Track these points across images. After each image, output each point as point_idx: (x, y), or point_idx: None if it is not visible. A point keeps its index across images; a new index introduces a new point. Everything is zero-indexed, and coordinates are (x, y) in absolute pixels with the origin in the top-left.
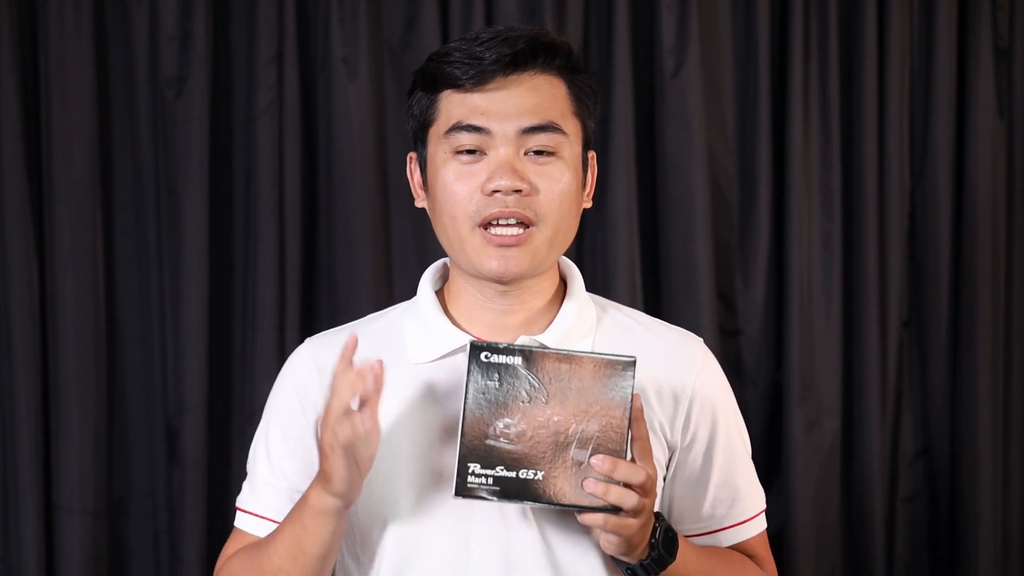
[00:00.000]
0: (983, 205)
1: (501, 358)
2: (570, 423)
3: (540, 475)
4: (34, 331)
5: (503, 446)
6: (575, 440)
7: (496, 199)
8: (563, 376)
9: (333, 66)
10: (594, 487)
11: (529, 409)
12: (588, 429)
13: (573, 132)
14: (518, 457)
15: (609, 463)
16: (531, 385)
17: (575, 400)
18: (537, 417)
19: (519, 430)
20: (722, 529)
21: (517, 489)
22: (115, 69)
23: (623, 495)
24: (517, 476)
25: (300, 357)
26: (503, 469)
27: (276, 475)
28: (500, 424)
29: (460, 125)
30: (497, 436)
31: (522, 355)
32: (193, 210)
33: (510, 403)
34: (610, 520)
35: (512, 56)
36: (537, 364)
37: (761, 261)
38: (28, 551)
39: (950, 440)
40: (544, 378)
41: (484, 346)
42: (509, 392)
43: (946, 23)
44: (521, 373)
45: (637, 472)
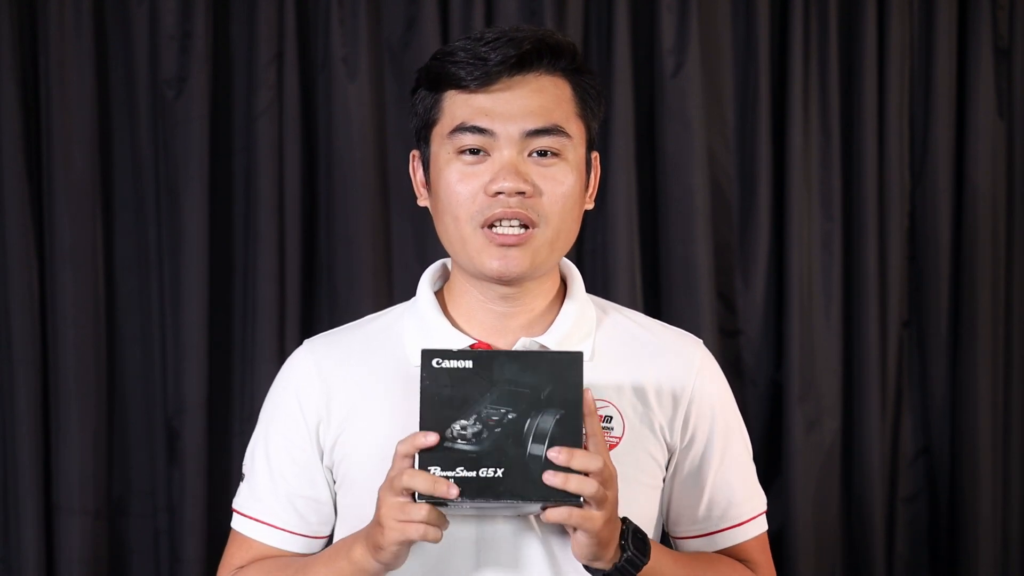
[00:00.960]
0: (983, 205)
1: (452, 362)
2: (525, 419)
3: (500, 472)
4: (34, 331)
5: (461, 447)
6: (531, 435)
7: (499, 200)
8: (514, 374)
9: (333, 66)
10: (553, 478)
11: (483, 409)
12: (543, 424)
13: (577, 134)
14: (477, 457)
15: (565, 453)
16: (484, 386)
17: (528, 397)
18: (492, 416)
19: (475, 430)
20: (719, 531)
21: (479, 488)
22: (115, 69)
23: (582, 483)
24: (477, 476)
25: (299, 360)
26: (463, 470)
27: (276, 480)
28: (456, 426)
29: (464, 126)
30: (454, 438)
31: (472, 358)
32: (193, 210)
33: (464, 405)
34: (574, 513)
35: (517, 57)
36: (488, 365)
37: (761, 261)
38: (28, 551)
39: (950, 440)
40: (496, 378)
41: (435, 352)
42: (462, 394)
43: (946, 23)
44: (473, 375)
45: (594, 459)
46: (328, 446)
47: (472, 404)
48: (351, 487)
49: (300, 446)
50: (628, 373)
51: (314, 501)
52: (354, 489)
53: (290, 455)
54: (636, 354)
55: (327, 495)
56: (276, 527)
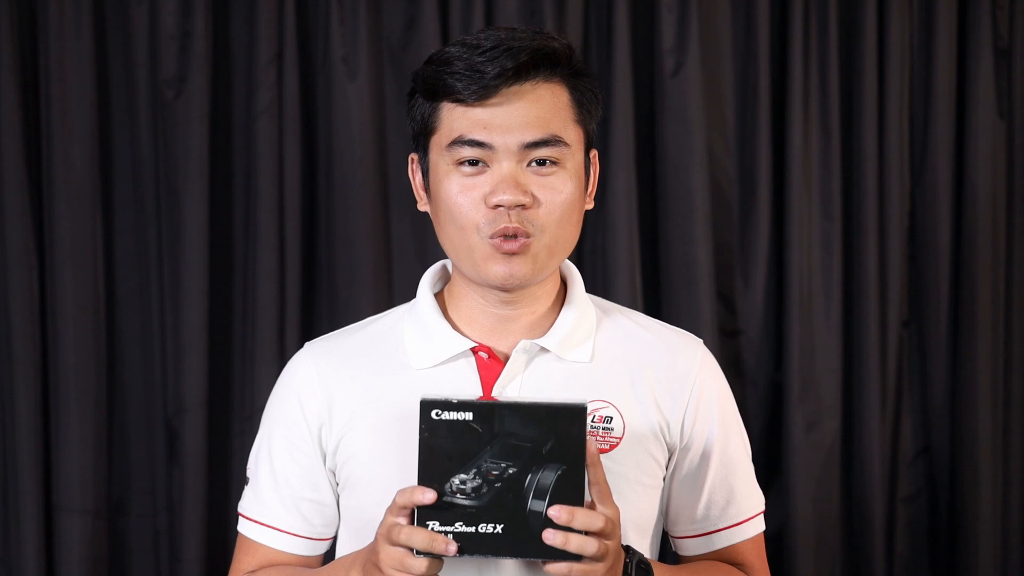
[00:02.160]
0: (983, 205)
1: (452, 414)
2: (526, 474)
3: (499, 528)
4: (34, 331)
5: (460, 502)
6: (532, 491)
7: (501, 213)
8: (515, 427)
9: (333, 66)
10: (553, 538)
11: (483, 463)
12: (544, 479)
13: (575, 140)
14: (476, 512)
15: (567, 513)
16: (484, 439)
17: (529, 451)
18: (492, 471)
19: (475, 485)
20: (716, 531)
21: (478, 544)
22: (115, 69)
23: (584, 543)
24: (476, 531)
25: (300, 363)
26: (462, 525)
27: (279, 484)
28: (456, 480)
29: (462, 140)
30: (454, 492)
31: (473, 410)
32: (193, 210)
33: (464, 458)
34: (575, 568)
35: (514, 70)
36: (488, 417)
37: (761, 261)
38: (28, 551)
39: (950, 440)
40: (496, 431)
41: (434, 403)
42: (462, 447)
43: (946, 23)
44: (473, 427)
45: (596, 519)
46: (330, 449)
47: (472, 457)
48: (353, 489)
49: (303, 449)
50: (628, 373)
51: (318, 504)
52: (356, 491)
53: (293, 459)
54: (636, 354)
55: (330, 498)
56: (281, 530)
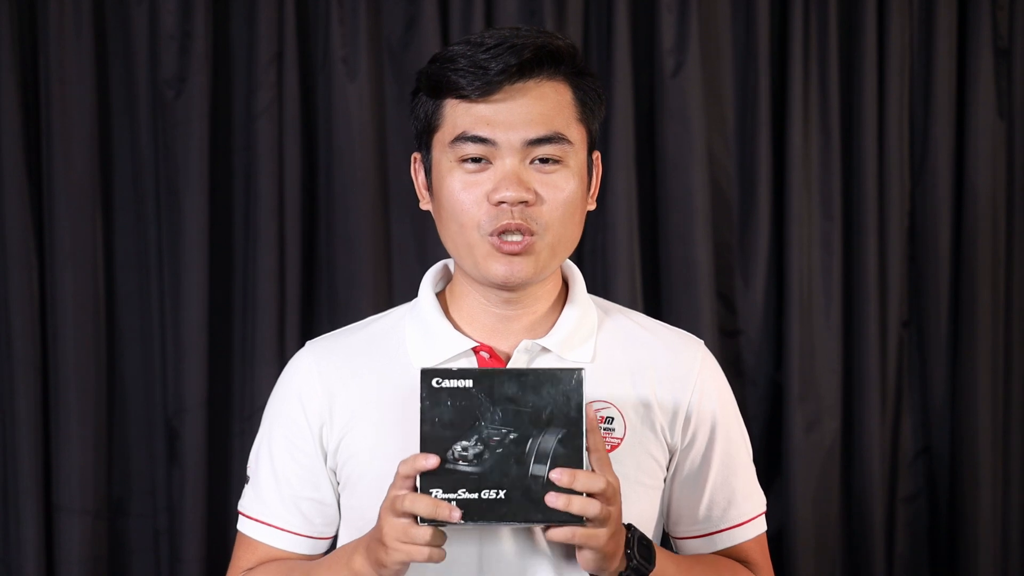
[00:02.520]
0: (983, 205)
1: (452, 382)
2: (527, 439)
3: (502, 494)
4: (34, 331)
5: (463, 469)
6: (533, 455)
7: (503, 210)
8: (515, 393)
9: (333, 66)
10: (555, 500)
11: (484, 430)
12: (545, 444)
13: (578, 139)
14: (479, 478)
15: (568, 475)
16: (484, 406)
17: (529, 416)
18: (493, 437)
19: (477, 451)
20: (718, 531)
21: (481, 510)
22: (115, 69)
23: (585, 505)
24: (480, 497)
25: (301, 362)
26: (465, 492)
27: (280, 482)
28: (458, 447)
29: (465, 136)
30: (456, 459)
31: (472, 377)
32: (193, 210)
33: (465, 425)
34: (578, 532)
35: (518, 66)
36: (488, 384)
37: (761, 261)
38: (28, 551)
39: (950, 440)
40: (496, 397)
41: (434, 372)
42: (463, 415)
43: (946, 23)
44: (473, 395)
45: (597, 480)
46: (331, 448)
47: (473, 424)
48: (355, 488)
49: (303, 449)
50: (629, 374)
51: (318, 503)
52: (357, 491)
53: (293, 458)
54: (637, 355)
55: (331, 497)
56: (281, 529)
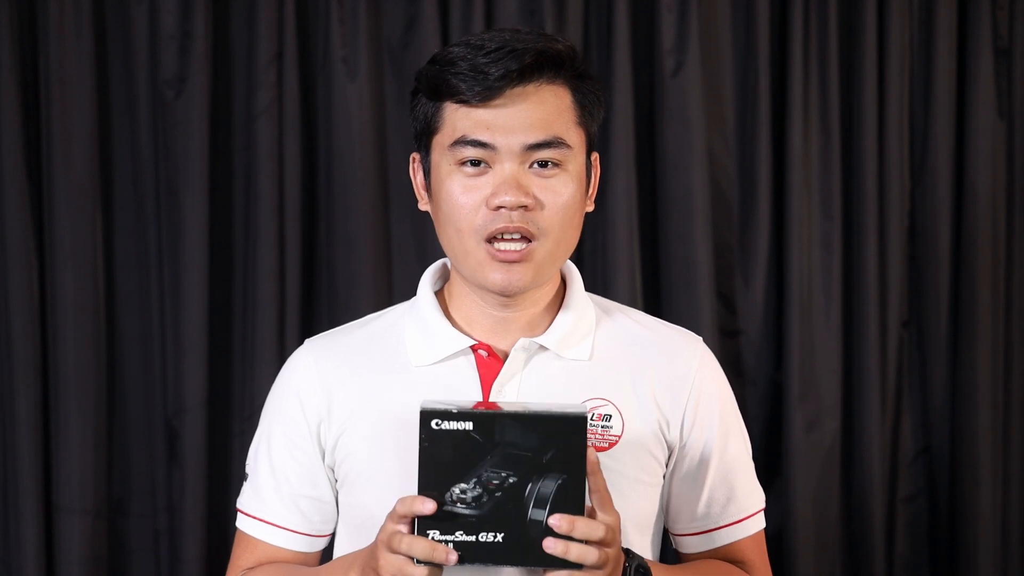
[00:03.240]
0: (983, 205)
1: (452, 424)
2: (526, 483)
3: (500, 537)
4: (34, 331)
5: (460, 511)
6: (532, 500)
7: (501, 214)
8: (516, 437)
9: (333, 66)
10: (554, 547)
11: (484, 472)
12: (544, 488)
13: (577, 143)
14: (477, 521)
15: (567, 522)
16: (484, 448)
17: (529, 460)
18: (492, 480)
19: (475, 494)
20: (717, 528)
21: (478, 553)
22: (115, 69)
23: (584, 552)
24: (477, 540)
25: (300, 360)
26: (462, 534)
27: (279, 480)
28: (456, 489)
29: (465, 140)
30: (454, 502)
31: (473, 419)
32: (193, 210)
33: (465, 468)
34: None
35: (519, 71)
36: (488, 427)
37: (761, 261)
38: (28, 551)
39: (950, 440)
40: (497, 440)
41: (434, 413)
42: (463, 457)
43: (946, 23)
44: (473, 437)
45: (596, 528)
46: (329, 446)
47: (472, 467)
48: (352, 486)
49: (302, 446)
50: (628, 371)
51: (316, 500)
52: (355, 489)
53: (292, 455)
54: (636, 352)
55: (329, 494)
56: (279, 526)
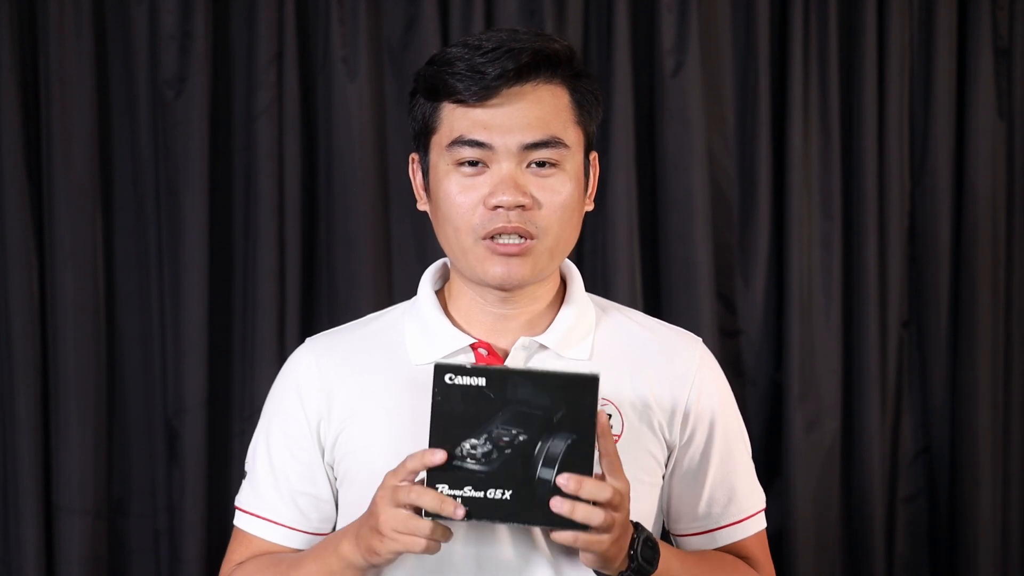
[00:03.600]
0: (983, 205)
1: (465, 379)
2: (536, 442)
3: (508, 495)
4: (34, 331)
5: (470, 467)
6: (541, 459)
7: (499, 214)
8: (528, 395)
9: (333, 66)
10: (560, 506)
11: (494, 429)
12: (554, 448)
13: (575, 142)
14: (485, 477)
15: (575, 482)
16: (496, 405)
17: (540, 419)
18: (503, 437)
19: (485, 450)
20: (718, 528)
21: (485, 509)
22: (115, 69)
23: (590, 513)
24: (485, 496)
25: (300, 358)
26: (471, 489)
27: (278, 477)
28: (467, 445)
29: (463, 140)
30: (464, 457)
31: (486, 376)
32: (193, 210)
33: (476, 424)
34: (580, 537)
35: (516, 71)
36: (501, 384)
37: (761, 261)
38: (28, 551)
39: (950, 440)
40: (509, 398)
41: (448, 367)
42: (474, 413)
43: (946, 23)
44: (486, 394)
45: (603, 489)
46: (329, 444)
47: (483, 423)
48: (352, 485)
49: (301, 444)
50: (628, 371)
51: (315, 498)
52: (355, 487)
53: (292, 453)
54: (636, 352)
55: (328, 492)
56: (278, 524)
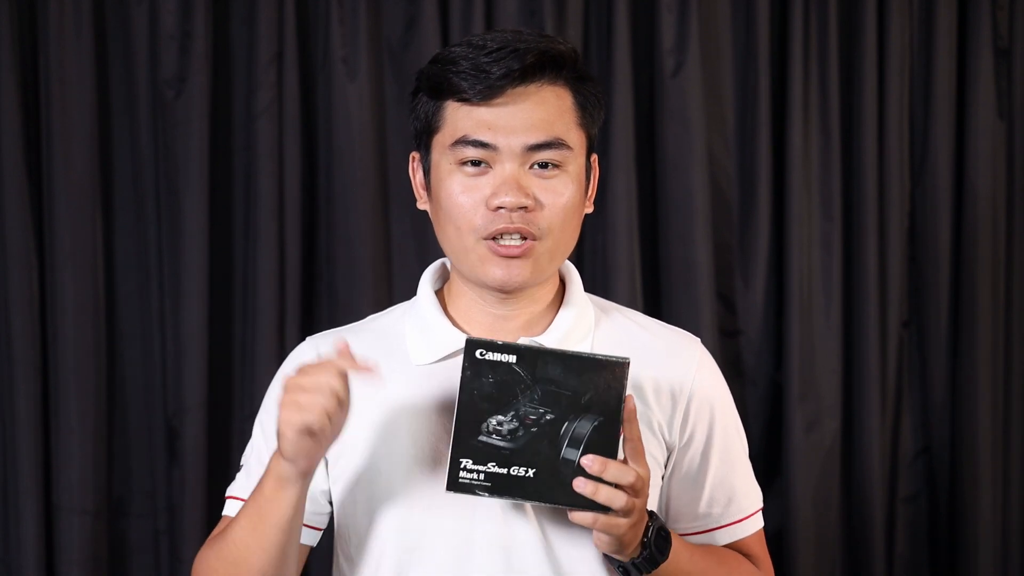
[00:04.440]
0: (983, 205)
1: (496, 355)
2: (563, 422)
3: (531, 473)
4: (34, 331)
5: (495, 442)
6: (567, 439)
7: (501, 215)
8: (557, 375)
9: (333, 66)
10: (583, 487)
11: (522, 407)
12: (580, 429)
13: (578, 144)
14: (510, 454)
15: (599, 463)
16: (525, 383)
17: (568, 399)
18: (530, 415)
19: (511, 427)
20: (718, 528)
21: (508, 486)
22: (115, 69)
23: (612, 495)
24: (508, 473)
25: (302, 353)
26: (495, 465)
27: None
28: (493, 421)
29: (466, 139)
30: (490, 432)
31: (517, 353)
32: (193, 210)
33: (503, 400)
34: (600, 519)
35: (520, 71)
36: (531, 363)
37: (761, 261)
38: (28, 551)
39: (950, 440)
40: (538, 377)
41: (480, 343)
42: (503, 389)
43: (946, 23)
44: (515, 371)
45: (627, 473)
46: None
47: (511, 400)
48: (348, 482)
49: None
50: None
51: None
52: (351, 484)
53: None
54: (635, 353)
55: (324, 487)
56: None
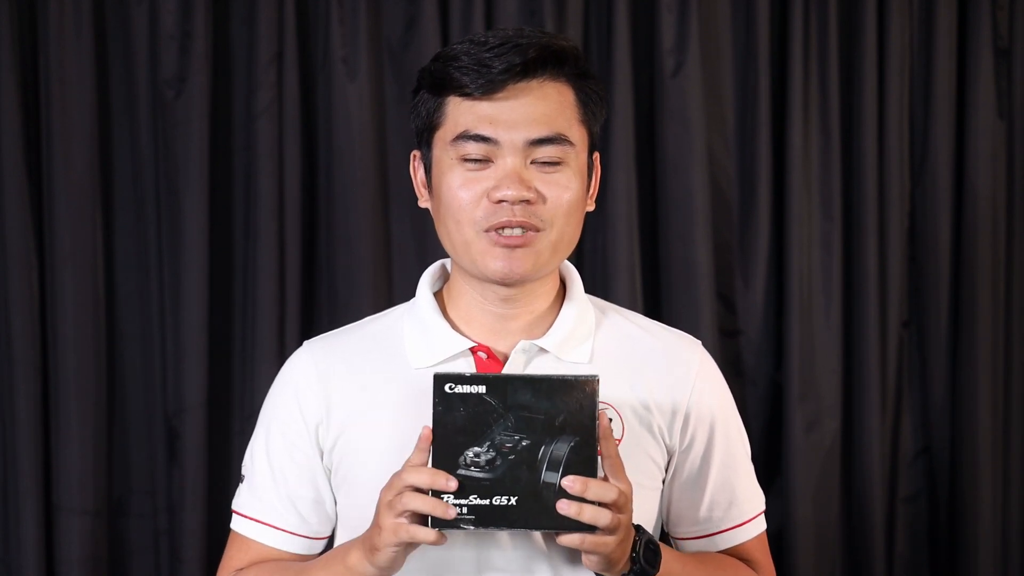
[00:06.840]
0: (983, 205)
1: (465, 388)
2: (539, 446)
3: (514, 500)
4: (34, 331)
5: (474, 474)
6: (545, 463)
7: (503, 208)
8: (528, 400)
9: (333, 66)
10: (567, 508)
11: (497, 436)
12: (557, 451)
13: (579, 140)
14: (490, 484)
15: (580, 483)
16: (497, 412)
17: (542, 423)
18: (506, 443)
19: (489, 457)
20: (719, 532)
21: (492, 516)
22: (115, 69)
23: (597, 514)
24: (491, 504)
25: (298, 361)
26: (476, 498)
27: (277, 481)
28: (470, 453)
29: (468, 134)
30: (468, 465)
31: (486, 383)
32: (193, 210)
33: (478, 431)
34: (587, 539)
35: (522, 66)
36: (501, 391)
37: (761, 261)
38: (28, 551)
39: (950, 440)
40: (510, 404)
41: (447, 377)
42: (476, 421)
43: (946, 23)
44: (486, 401)
45: (608, 490)
46: (327, 447)
47: (485, 430)
48: (351, 489)
49: (300, 447)
50: (628, 375)
51: (314, 502)
52: (354, 491)
53: (290, 456)
54: (635, 356)
55: (328, 496)
56: (277, 527)
